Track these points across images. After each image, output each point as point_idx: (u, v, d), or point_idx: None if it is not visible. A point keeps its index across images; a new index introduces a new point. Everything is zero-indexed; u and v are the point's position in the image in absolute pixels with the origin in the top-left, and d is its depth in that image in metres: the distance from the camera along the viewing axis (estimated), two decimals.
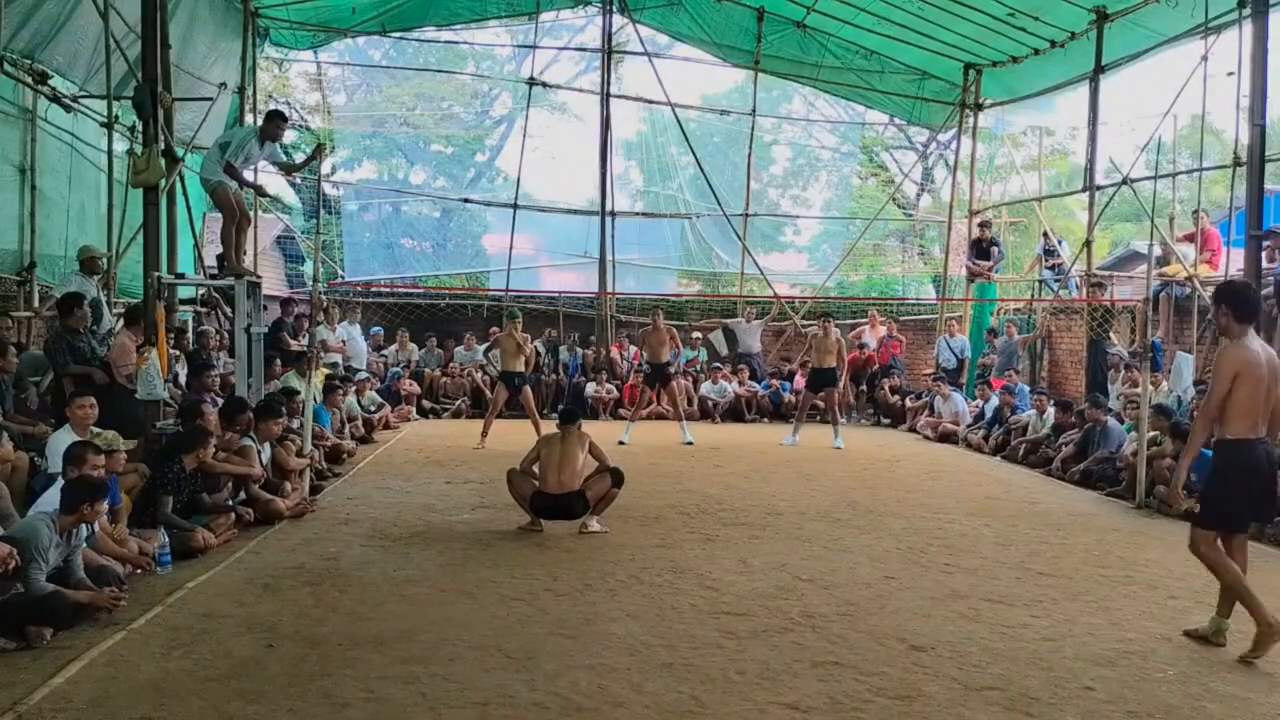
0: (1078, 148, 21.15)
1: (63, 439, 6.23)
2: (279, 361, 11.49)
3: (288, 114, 11.73)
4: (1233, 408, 4.60)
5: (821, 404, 13.10)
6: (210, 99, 11.60)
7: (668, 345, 12.73)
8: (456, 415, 14.92)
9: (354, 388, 12.36)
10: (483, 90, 20.72)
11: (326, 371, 11.60)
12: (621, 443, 11.69)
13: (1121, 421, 10.33)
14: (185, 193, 11.41)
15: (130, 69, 9.92)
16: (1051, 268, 15.78)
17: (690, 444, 12.08)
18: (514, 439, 11.84)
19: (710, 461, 10.94)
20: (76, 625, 4.76)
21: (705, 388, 15.61)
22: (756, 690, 4.16)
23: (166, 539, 5.99)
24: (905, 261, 21.78)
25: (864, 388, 15.89)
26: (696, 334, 16.99)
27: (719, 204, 17.11)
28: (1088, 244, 14.70)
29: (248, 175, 10.21)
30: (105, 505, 5.28)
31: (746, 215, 17.80)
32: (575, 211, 18.28)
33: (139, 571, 5.64)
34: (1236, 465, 4.68)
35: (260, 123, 9.97)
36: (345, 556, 6.29)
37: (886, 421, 15.34)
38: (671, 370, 13.00)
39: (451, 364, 15.70)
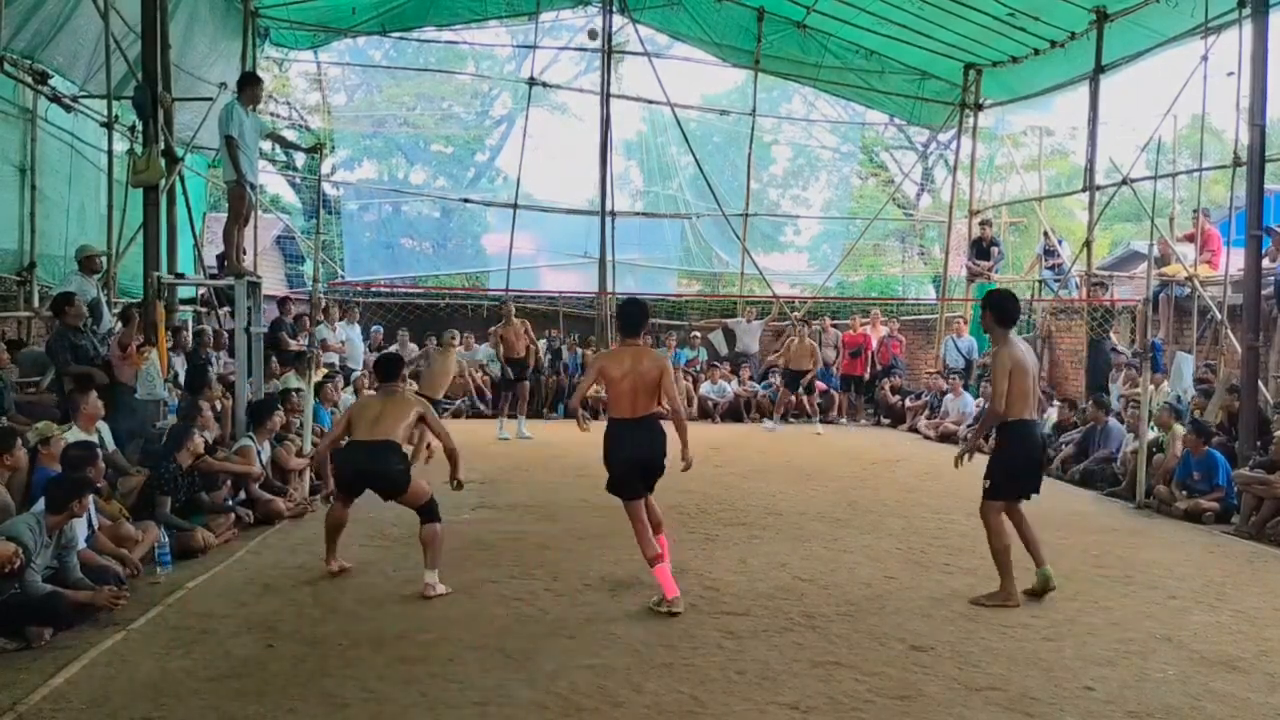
0: (1078, 148, 21.13)
1: (67, 437, 6.22)
2: (278, 361, 11.47)
3: (286, 112, 11.72)
4: (1012, 397, 5.53)
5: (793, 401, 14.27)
6: (210, 99, 11.58)
7: (524, 339, 12.19)
8: (456, 415, 14.91)
9: (351, 387, 12.32)
10: (483, 90, 20.72)
11: (325, 371, 11.56)
12: None
13: (1122, 421, 10.33)
14: (185, 193, 11.39)
15: (130, 69, 9.91)
16: (1051, 268, 15.76)
17: (505, 439, 12.06)
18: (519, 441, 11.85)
19: (710, 461, 10.92)
20: (76, 625, 4.76)
21: (705, 388, 15.61)
22: (756, 690, 4.16)
23: (166, 539, 5.99)
24: (905, 261, 21.78)
25: (853, 391, 15.86)
26: (696, 334, 17.01)
27: (719, 204, 17.09)
28: (1088, 244, 14.69)
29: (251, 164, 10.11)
30: (90, 500, 5.26)
31: (746, 215, 17.79)
32: (575, 211, 18.25)
33: (133, 575, 5.62)
34: (1021, 440, 5.59)
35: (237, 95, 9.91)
36: (345, 557, 6.28)
37: (886, 421, 15.34)
38: (528, 371, 12.35)
39: None
